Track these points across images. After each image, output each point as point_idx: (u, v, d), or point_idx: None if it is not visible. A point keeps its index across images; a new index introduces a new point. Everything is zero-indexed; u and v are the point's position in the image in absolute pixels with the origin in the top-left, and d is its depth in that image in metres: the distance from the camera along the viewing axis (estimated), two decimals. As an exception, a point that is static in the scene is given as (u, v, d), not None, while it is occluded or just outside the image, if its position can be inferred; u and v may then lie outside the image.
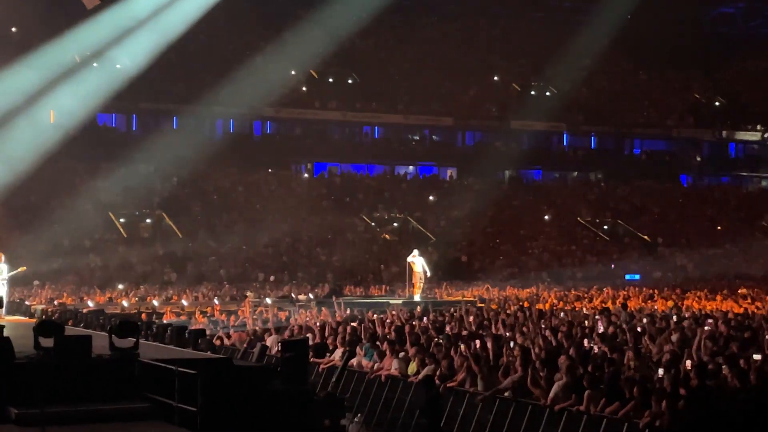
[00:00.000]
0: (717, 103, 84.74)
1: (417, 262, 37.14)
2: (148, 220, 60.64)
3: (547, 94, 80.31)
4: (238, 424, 12.55)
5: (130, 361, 13.22)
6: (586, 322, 25.04)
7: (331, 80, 76.37)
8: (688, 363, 15.80)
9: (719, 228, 70.96)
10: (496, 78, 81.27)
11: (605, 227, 69.84)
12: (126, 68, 64.21)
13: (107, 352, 13.45)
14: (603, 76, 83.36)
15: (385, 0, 70.93)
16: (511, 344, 19.22)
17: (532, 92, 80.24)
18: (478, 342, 19.55)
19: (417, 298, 36.15)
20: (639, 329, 21.61)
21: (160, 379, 12.44)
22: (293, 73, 73.34)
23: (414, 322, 24.92)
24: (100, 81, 62.47)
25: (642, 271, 62.38)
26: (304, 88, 74.30)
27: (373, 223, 64.88)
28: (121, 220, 60.32)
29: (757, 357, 15.90)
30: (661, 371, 15.46)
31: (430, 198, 69.97)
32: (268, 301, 37.43)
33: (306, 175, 71.69)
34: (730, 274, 58.89)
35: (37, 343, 13.27)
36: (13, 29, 65.54)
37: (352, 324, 24.57)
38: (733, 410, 12.83)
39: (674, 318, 25.16)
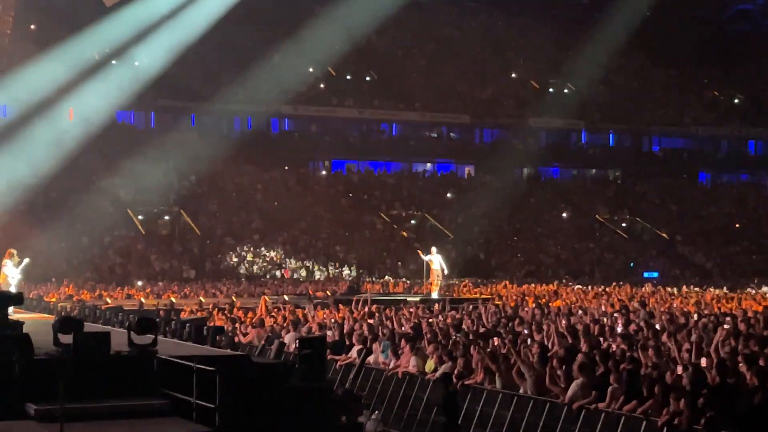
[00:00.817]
0: (736, 101, 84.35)
1: (435, 259, 37.10)
2: (166, 218, 60.81)
3: (565, 91, 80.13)
4: (256, 421, 12.57)
5: (148, 357, 13.24)
6: (605, 319, 24.96)
7: (348, 78, 76.37)
8: (705, 361, 15.75)
9: (738, 225, 70.64)
10: (513, 75, 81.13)
11: (623, 225, 69.65)
12: (144, 66, 64.40)
13: (126, 349, 13.48)
14: (621, 73, 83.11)
15: (403, -3, 71.14)
16: (529, 342, 19.18)
17: (550, 90, 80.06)
18: (496, 339, 19.53)
19: (435, 295, 36.11)
20: (658, 327, 21.52)
21: (178, 375, 12.45)
22: (311, 70, 73.40)
23: (432, 320, 24.91)
24: (118, 79, 62.70)
25: (660, 268, 62.22)
26: (321, 86, 74.33)
27: (390, 221, 64.86)
28: (140, 217, 60.51)
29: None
30: (680, 369, 15.41)
31: (448, 195, 69.93)
32: (286, 298, 37.49)
33: (324, 172, 71.75)
34: (748, 272, 58.65)
35: (56, 340, 13.32)
36: (32, 27, 65.78)
37: (370, 321, 24.57)
38: (751, 409, 12.78)
39: (693, 316, 25.05)
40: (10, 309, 18.82)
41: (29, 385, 12.17)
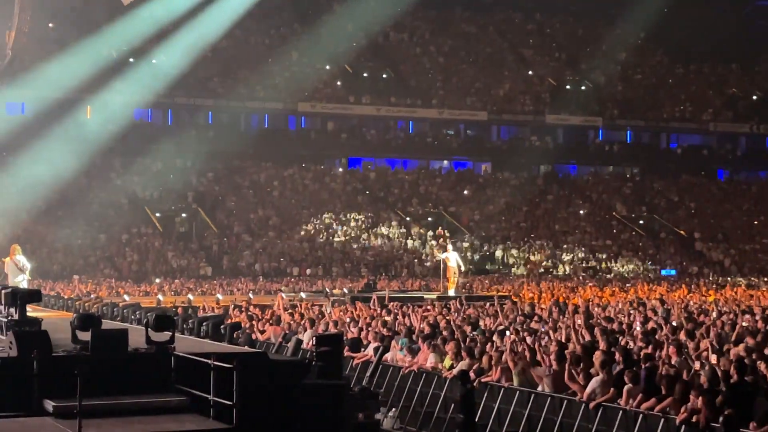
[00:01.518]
0: (754, 97, 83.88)
1: (451, 256, 37.08)
2: (183, 215, 60.94)
3: (583, 88, 79.91)
4: (273, 418, 12.59)
5: (166, 354, 13.26)
6: (622, 317, 24.90)
7: (365, 75, 76.36)
8: (724, 359, 15.68)
9: (756, 222, 70.35)
10: (530, 72, 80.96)
11: (641, 222, 69.44)
12: (162, 63, 64.58)
13: (144, 346, 13.51)
14: (639, 70, 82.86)
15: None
16: (546, 339, 19.14)
17: (568, 86, 79.83)
18: (513, 336, 19.50)
19: (451, 292, 36.09)
20: (676, 324, 21.45)
21: (196, 372, 12.47)
22: (327, 67, 73.40)
23: (449, 317, 24.89)
24: (136, 76, 62.91)
25: (678, 266, 62.03)
26: (338, 83, 74.34)
27: (407, 218, 64.84)
28: (157, 214, 60.68)
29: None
30: (698, 366, 15.36)
31: (465, 193, 69.85)
32: (303, 295, 37.52)
33: (340, 169, 71.78)
34: (767, 269, 58.43)
35: (74, 337, 13.36)
36: (50, 25, 66.03)
37: (387, 318, 24.57)
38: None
39: (712, 313, 24.96)
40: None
41: (47, 382, 12.21)
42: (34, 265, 24.40)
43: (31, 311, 18.39)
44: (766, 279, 52.59)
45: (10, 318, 14.08)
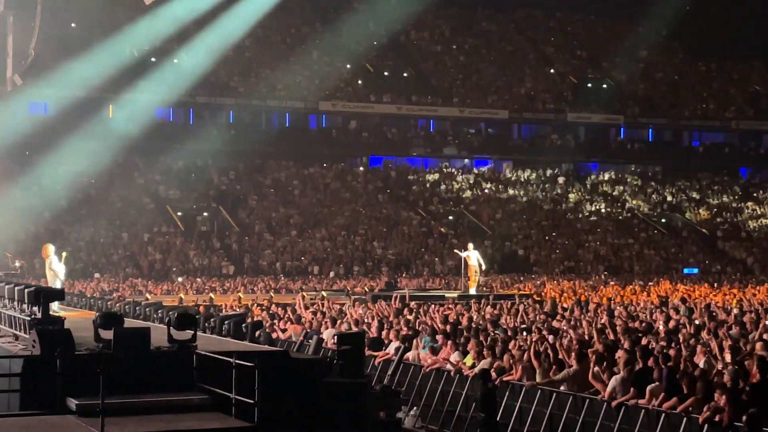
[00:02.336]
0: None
1: (472, 255, 37.04)
2: (205, 214, 61.10)
3: (604, 86, 79.64)
4: (294, 417, 12.61)
5: (188, 353, 13.31)
6: (644, 315, 24.83)
7: (386, 74, 76.33)
8: (735, 357, 15.61)
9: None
10: (552, 70, 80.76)
11: (663, 220, 69.13)
12: (183, 63, 64.79)
13: (166, 345, 13.56)
14: (660, 67, 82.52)
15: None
16: (568, 338, 19.10)
17: (589, 84, 79.59)
18: (534, 335, 19.47)
19: (473, 291, 36.05)
20: (698, 323, 21.36)
21: (218, 371, 12.52)
22: (348, 66, 73.45)
23: (470, 315, 24.87)
24: (158, 76, 63.12)
25: (700, 264, 61.75)
26: (359, 82, 74.37)
27: (428, 216, 64.81)
28: (179, 213, 60.86)
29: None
30: (720, 365, 15.29)
31: (486, 191, 69.75)
32: (324, 294, 37.56)
33: (361, 168, 71.78)
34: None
35: (97, 335, 13.42)
36: (73, 25, 66.34)
37: (408, 317, 24.56)
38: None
39: (734, 312, 24.83)
40: (56, 305, 19.02)
41: (70, 380, 12.27)
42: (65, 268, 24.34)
43: (59, 311, 18.53)
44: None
45: (33, 317, 14.15)
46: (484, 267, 38.08)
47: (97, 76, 60.09)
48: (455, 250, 38.28)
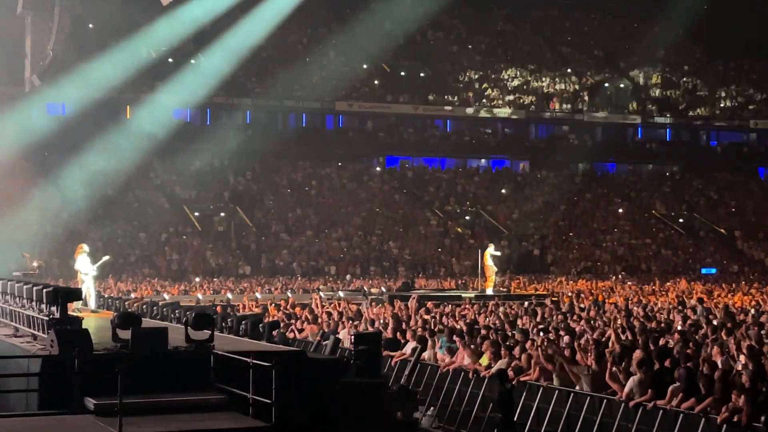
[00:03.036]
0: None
1: (489, 255, 37.01)
2: (222, 214, 61.22)
3: (621, 85, 79.41)
4: (311, 417, 12.63)
5: (205, 353, 13.35)
6: (661, 316, 24.75)
7: (402, 74, 76.33)
8: (751, 357, 15.54)
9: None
10: (569, 70, 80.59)
11: (680, 220, 68.90)
12: (201, 64, 64.93)
13: (183, 344, 13.61)
14: (678, 67, 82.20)
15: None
16: (585, 339, 19.05)
17: (606, 84, 79.38)
18: (552, 335, 19.43)
19: (489, 291, 36.03)
20: (715, 323, 21.28)
21: (235, 371, 12.55)
22: (365, 66, 73.46)
23: (487, 316, 24.84)
24: (175, 77, 63.27)
25: (718, 264, 61.50)
26: (375, 82, 74.38)
27: (445, 217, 64.77)
28: (196, 213, 61.00)
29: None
30: (739, 366, 15.23)
31: (503, 191, 69.66)
32: (341, 294, 37.59)
33: (378, 168, 71.78)
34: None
35: (115, 335, 13.48)
36: (91, 25, 66.55)
37: (425, 317, 24.55)
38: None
39: (752, 312, 24.74)
40: (78, 304, 19.11)
41: (88, 380, 12.33)
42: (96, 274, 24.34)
43: (80, 312, 18.59)
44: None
45: (51, 317, 14.22)
46: (495, 268, 38.02)
47: (115, 77, 60.26)
48: (490, 249, 37.80)
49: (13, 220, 52.37)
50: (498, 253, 37.26)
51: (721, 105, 79.96)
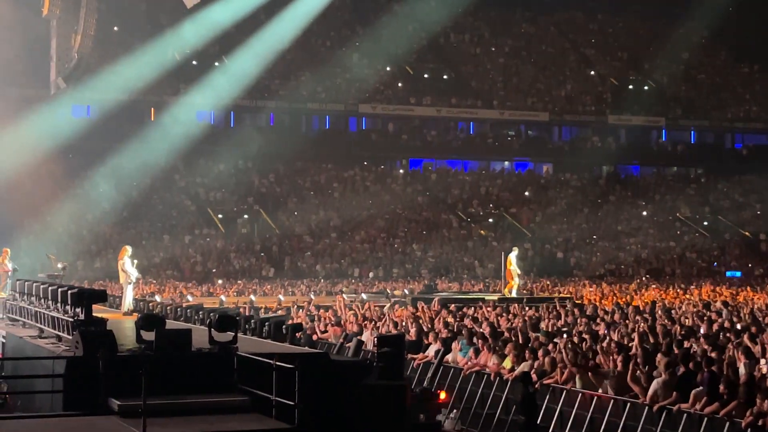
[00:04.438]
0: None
1: (512, 258, 36.98)
2: (245, 216, 61.36)
3: (645, 88, 79.12)
4: (334, 419, 12.65)
5: (229, 354, 13.39)
6: (685, 319, 24.63)
7: (426, 76, 76.32)
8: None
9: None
10: (592, 72, 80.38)
11: (705, 223, 68.52)
12: (226, 67, 65.15)
13: (207, 346, 13.65)
14: (703, 69, 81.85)
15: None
16: (608, 342, 18.99)
17: (630, 86, 79.10)
18: (575, 338, 19.38)
19: (513, 294, 35.97)
20: (740, 327, 21.18)
21: (258, 372, 12.58)
22: (388, 69, 73.51)
23: (510, 318, 24.80)
24: (200, 79, 63.54)
25: (743, 268, 61.14)
26: (399, 84, 74.40)
27: (468, 219, 64.69)
28: (219, 216, 61.15)
29: None
30: (764, 369, 15.15)
31: (526, 194, 69.50)
32: (364, 296, 37.59)
33: (401, 171, 71.78)
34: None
35: (139, 337, 13.54)
36: (116, 28, 66.88)
37: (448, 320, 24.54)
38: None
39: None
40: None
41: (112, 381, 12.38)
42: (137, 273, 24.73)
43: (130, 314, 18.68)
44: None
45: (76, 318, 14.30)
46: (518, 271, 37.96)
47: (140, 80, 60.60)
48: (514, 252, 37.77)
49: (39, 221, 52.80)
50: (506, 257, 37.19)
51: (746, 107, 79.50)
